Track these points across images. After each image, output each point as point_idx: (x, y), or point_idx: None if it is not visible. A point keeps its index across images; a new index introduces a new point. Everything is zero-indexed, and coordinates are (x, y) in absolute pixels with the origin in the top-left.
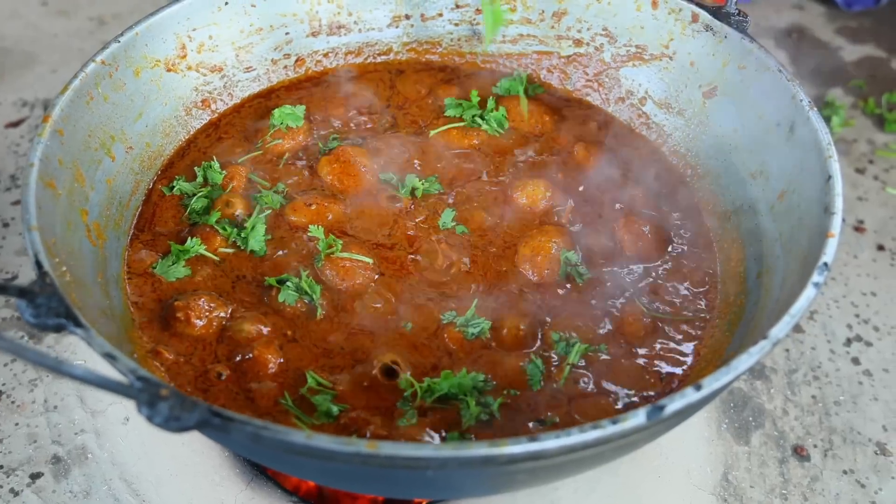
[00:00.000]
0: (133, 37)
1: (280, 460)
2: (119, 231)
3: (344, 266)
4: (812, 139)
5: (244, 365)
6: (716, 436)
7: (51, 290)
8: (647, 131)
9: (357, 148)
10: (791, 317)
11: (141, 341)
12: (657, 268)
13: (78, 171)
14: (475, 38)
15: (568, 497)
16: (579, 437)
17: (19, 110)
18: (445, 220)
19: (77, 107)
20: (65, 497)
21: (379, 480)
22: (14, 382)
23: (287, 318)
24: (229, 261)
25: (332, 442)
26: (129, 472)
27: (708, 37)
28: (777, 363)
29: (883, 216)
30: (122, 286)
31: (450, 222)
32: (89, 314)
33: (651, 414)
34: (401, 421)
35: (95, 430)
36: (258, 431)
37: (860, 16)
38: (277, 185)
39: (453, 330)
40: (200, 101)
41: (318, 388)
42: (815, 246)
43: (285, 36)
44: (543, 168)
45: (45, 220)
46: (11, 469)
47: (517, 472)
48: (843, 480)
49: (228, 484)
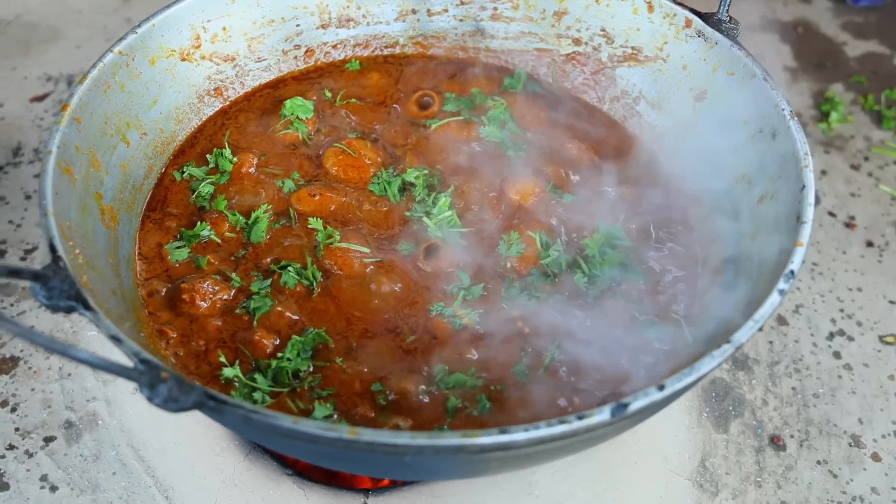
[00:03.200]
0: (150, 27)
1: (271, 440)
2: (131, 213)
3: (342, 255)
4: (791, 148)
5: (246, 346)
6: (696, 424)
7: (63, 274)
8: (640, 131)
9: (361, 140)
10: (755, 322)
11: (148, 320)
12: (640, 263)
13: (94, 157)
14: (479, 34)
15: (545, 480)
16: (546, 430)
17: (44, 85)
18: (440, 213)
19: (95, 95)
20: (76, 460)
21: (361, 462)
22: (31, 350)
23: (287, 299)
24: (234, 245)
25: (316, 427)
26: (137, 440)
27: (700, 42)
28: (760, 355)
29: (874, 213)
30: (133, 267)
31: (444, 214)
32: (99, 295)
33: (615, 411)
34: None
35: (106, 398)
36: (248, 415)
37: (867, 11)
38: (293, 174)
39: (441, 321)
40: (213, 90)
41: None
42: (785, 253)
43: (296, 28)
44: (537, 164)
45: (61, 205)
46: (27, 432)
47: (490, 460)
48: (817, 470)
49: (228, 454)
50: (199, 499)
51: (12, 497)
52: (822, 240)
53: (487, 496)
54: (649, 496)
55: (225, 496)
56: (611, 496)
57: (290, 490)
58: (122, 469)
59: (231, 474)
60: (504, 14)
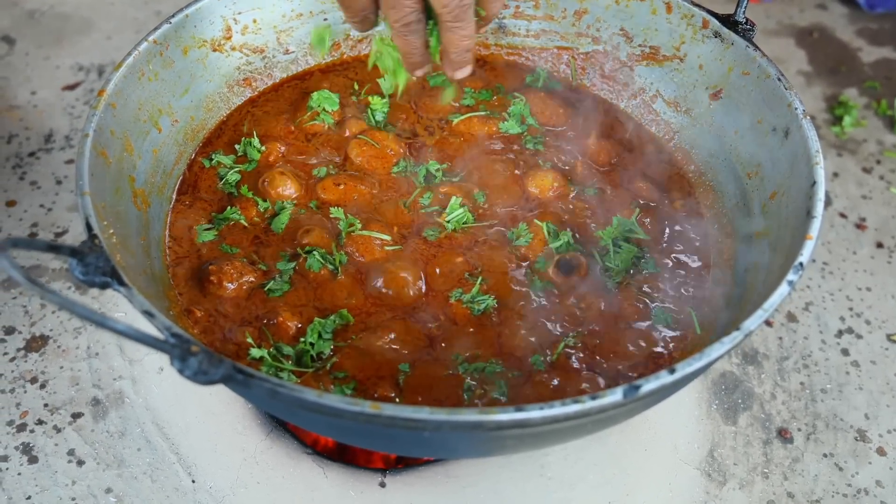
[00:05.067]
0: (183, 18)
1: (295, 415)
2: (162, 197)
3: (364, 242)
4: (803, 146)
5: (269, 328)
6: (705, 415)
7: (98, 251)
8: (656, 128)
9: (384, 132)
10: (764, 311)
11: (177, 300)
12: (653, 256)
13: (127, 142)
14: (500, 31)
15: (557, 463)
16: (561, 409)
17: (76, 74)
18: (452, 211)
19: (130, 82)
20: (102, 436)
21: (382, 438)
22: (60, 329)
23: (311, 283)
24: (261, 230)
25: (340, 401)
26: (161, 418)
27: (716, 42)
28: (770, 350)
29: (885, 215)
30: (163, 248)
31: (455, 213)
32: (131, 274)
33: (627, 392)
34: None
35: (132, 377)
36: (275, 388)
37: (882, 18)
38: (319, 164)
39: (460, 306)
40: (242, 80)
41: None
42: (796, 246)
43: (324, 21)
44: (556, 159)
45: (96, 186)
46: (55, 408)
47: (505, 438)
48: (823, 463)
49: (249, 433)
50: (220, 475)
51: (41, 470)
52: (833, 240)
53: (501, 476)
54: (658, 483)
55: (246, 473)
56: (621, 480)
57: (309, 468)
58: (146, 445)
59: (252, 452)
60: (525, 12)
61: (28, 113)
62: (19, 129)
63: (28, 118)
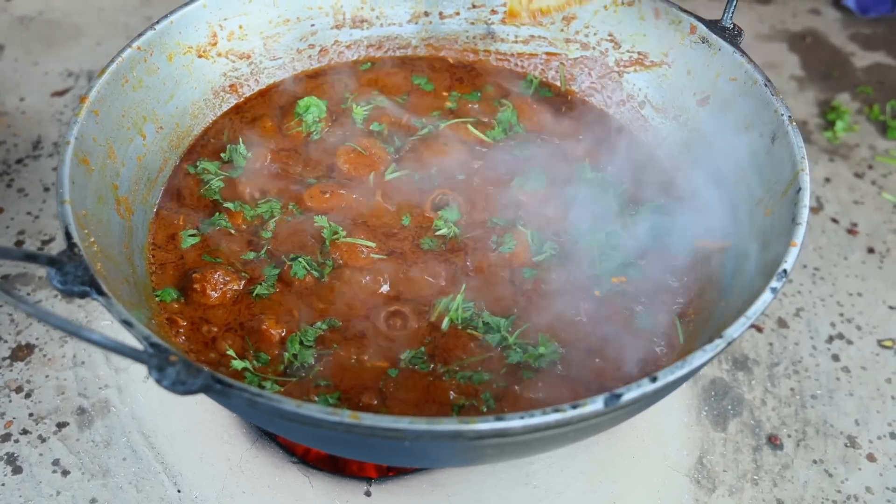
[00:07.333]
0: (168, 24)
1: (275, 424)
2: (146, 205)
3: (348, 249)
4: (789, 152)
5: (253, 335)
6: (695, 422)
7: (78, 260)
8: (644, 134)
9: (372, 139)
10: (747, 318)
11: (159, 309)
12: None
13: (111, 149)
14: (489, 37)
15: (543, 471)
16: (541, 418)
17: (65, 80)
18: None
19: (113, 89)
20: (87, 446)
21: (363, 447)
22: (46, 338)
23: (295, 291)
24: (246, 237)
25: (319, 411)
26: (147, 427)
27: (704, 48)
28: (760, 356)
29: (877, 220)
30: (146, 256)
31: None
32: (113, 282)
33: (609, 401)
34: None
35: (118, 385)
36: (253, 398)
37: (875, 22)
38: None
39: (444, 315)
40: (228, 86)
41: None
42: (780, 253)
43: (311, 27)
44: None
45: (77, 194)
46: (40, 417)
47: (486, 447)
48: (813, 469)
49: (235, 442)
50: (206, 485)
51: (25, 480)
52: (824, 245)
53: (486, 485)
54: (647, 490)
55: (232, 482)
56: (608, 488)
57: (295, 477)
58: (132, 455)
59: (238, 461)
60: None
61: (16, 119)
62: (7, 135)
63: (16, 125)
